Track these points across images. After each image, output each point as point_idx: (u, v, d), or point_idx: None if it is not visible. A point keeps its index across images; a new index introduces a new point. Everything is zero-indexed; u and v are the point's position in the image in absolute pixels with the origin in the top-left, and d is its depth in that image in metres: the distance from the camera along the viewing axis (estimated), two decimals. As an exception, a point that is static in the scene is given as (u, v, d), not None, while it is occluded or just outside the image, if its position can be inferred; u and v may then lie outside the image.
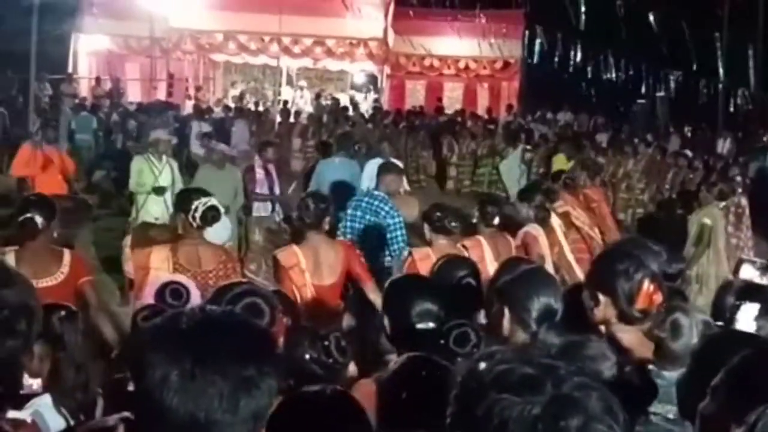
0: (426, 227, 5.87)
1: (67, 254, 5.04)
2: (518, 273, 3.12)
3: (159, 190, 9.23)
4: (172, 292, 3.92)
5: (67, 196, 9.74)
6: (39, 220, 4.88)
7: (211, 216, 5.25)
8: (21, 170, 10.51)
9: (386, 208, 6.99)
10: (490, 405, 1.24)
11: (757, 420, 1.64)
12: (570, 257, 7.42)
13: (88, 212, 9.59)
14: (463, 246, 5.98)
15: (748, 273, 4.57)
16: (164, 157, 9.47)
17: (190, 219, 5.20)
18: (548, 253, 6.93)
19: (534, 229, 6.93)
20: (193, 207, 5.20)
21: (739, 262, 6.39)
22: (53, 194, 9.37)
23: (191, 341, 1.43)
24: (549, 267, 6.42)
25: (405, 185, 9.54)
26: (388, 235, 6.92)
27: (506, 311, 3.03)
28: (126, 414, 1.79)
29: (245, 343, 1.47)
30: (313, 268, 5.41)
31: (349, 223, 7.06)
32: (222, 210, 5.47)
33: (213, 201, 5.33)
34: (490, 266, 5.50)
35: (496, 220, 6.47)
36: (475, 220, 6.67)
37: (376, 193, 7.23)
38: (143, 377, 1.42)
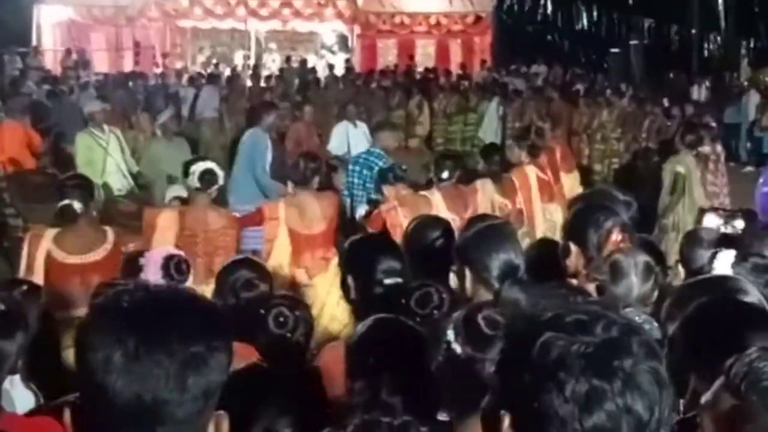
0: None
1: (110, 232, 5.33)
2: (475, 231, 3.07)
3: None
4: (177, 266, 4.00)
5: (37, 171, 9.58)
6: (78, 206, 5.18)
7: (207, 178, 5.61)
8: None
9: (380, 163, 7.49)
10: (546, 342, 1.29)
11: (731, 367, 1.68)
12: (538, 205, 7.70)
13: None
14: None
15: (712, 222, 4.60)
16: (106, 127, 9.34)
17: (189, 183, 5.67)
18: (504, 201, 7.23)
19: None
20: (191, 171, 5.62)
21: (701, 212, 6.42)
22: (23, 170, 9.30)
23: (134, 320, 1.36)
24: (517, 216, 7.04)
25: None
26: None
27: (467, 271, 2.98)
28: (73, 397, 1.72)
29: (191, 319, 1.40)
30: (300, 220, 5.97)
31: (348, 178, 7.83)
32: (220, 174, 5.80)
33: (209, 164, 5.75)
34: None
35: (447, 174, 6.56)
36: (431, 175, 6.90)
37: (373, 149, 7.85)
38: (85, 359, 1.35)
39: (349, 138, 10.83)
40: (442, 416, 2.16)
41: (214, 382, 1.39)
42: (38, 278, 4.90)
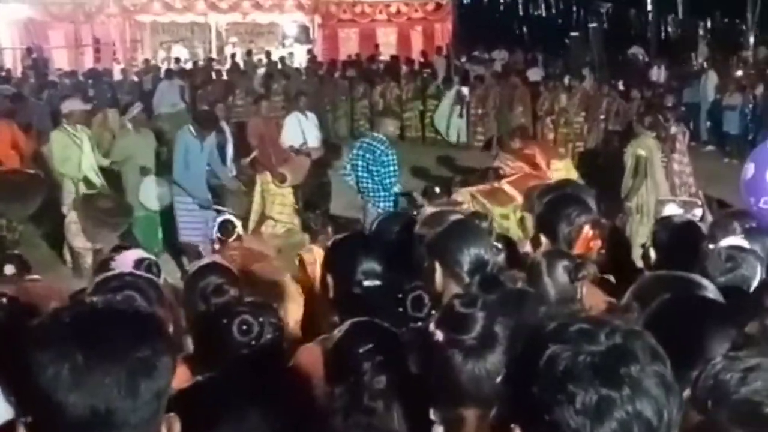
0: None
1: None
2: (446, 225, 3.06)
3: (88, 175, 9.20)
4: (147, 268, 3.91)
5: (20, 171, 9.59)
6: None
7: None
8: None
9: (382, 147, 7.89)
10: (553, 354, 1.30)
11: (696, 381, 1.67)
12: None
13: (41, 187, 9.40)
14: None
15: (673, 211, 4.64)
16: (79, 126, 9.40)
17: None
18: None
19: None
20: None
21: (660, 203, 6.49)
22: (6, 169, 9.28)
23: (78, 333, 1.38)
24: None
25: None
26: (382, 170, 7.79)
27: (437, 265, 2.96)
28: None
29: (134, 327, 1.43)
30: None
31: (353, 161, 8.05)
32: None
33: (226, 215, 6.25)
34: None
35: None
36: None
37: (375, 134, 8.19)
38: (33, 379, 1.35)
39: (303, 128, 10.95)
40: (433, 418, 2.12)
41: (164, 384, 1.42)
42: None
